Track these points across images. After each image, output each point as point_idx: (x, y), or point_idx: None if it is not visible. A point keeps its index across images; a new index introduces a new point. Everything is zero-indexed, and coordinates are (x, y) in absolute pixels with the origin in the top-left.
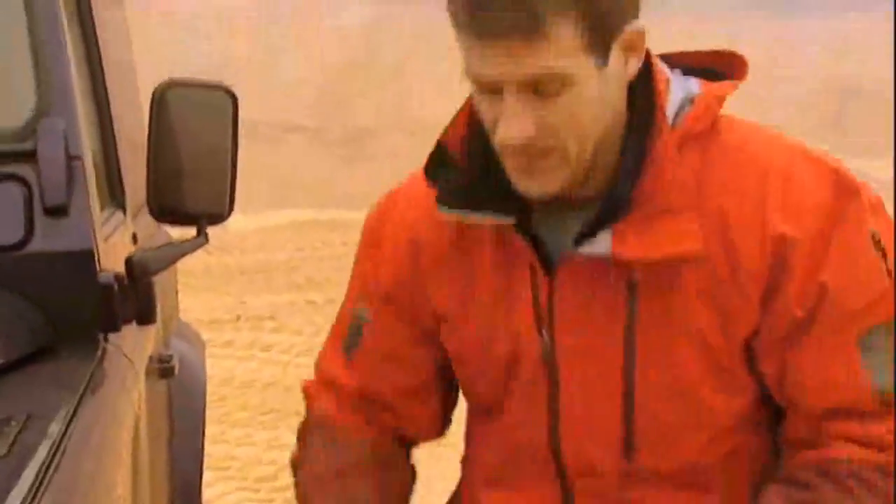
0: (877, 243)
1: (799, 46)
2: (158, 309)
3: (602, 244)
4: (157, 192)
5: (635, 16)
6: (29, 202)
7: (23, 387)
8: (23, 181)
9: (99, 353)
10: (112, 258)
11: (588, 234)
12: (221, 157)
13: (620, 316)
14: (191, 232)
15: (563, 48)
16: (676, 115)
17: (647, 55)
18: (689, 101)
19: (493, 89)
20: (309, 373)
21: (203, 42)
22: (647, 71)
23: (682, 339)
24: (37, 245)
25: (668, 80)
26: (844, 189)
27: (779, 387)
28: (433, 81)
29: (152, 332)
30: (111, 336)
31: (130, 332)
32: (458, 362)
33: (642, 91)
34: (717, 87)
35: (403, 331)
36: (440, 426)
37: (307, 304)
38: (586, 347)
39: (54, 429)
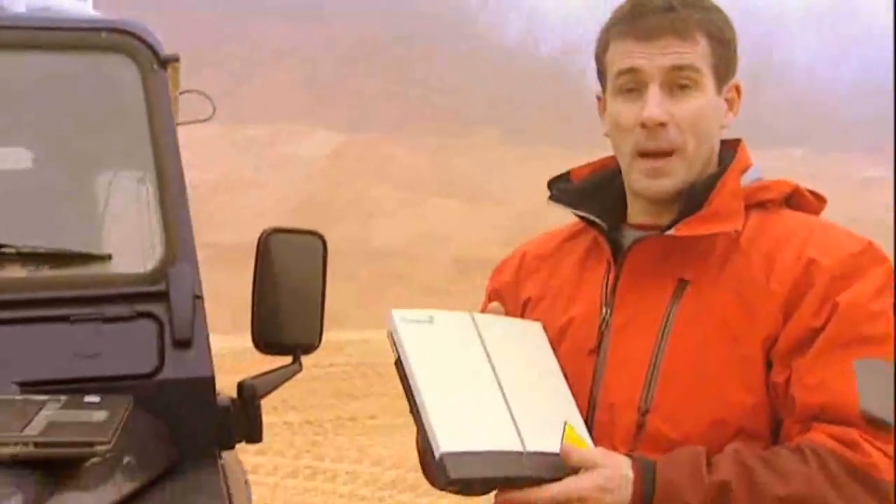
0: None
1: None
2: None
3: (667, 231)
4: (261, 327)
5: (735, 71)
6: (161, 336)
7: (178, 495)
8: (156, 318)
9: (221, 466)
10: None
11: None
12: (313, 295)
13: (665, 303)
14: None
15: (700, 55)
16: (752, 183)
17: (742, 145)
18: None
19: (639, 85)
20: (296, 494)
21: None
22: (737, 150)
23: (713, 328)
24: (168, 373)
25: (751, 164)
26: (877, 253)
27: (784, 396)
28: (392, 210)
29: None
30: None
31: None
32: None
33: (729, 160)
34: (786, 180)
35: None
36: None
37: (284, 426)
38: (631, 324)
39: None
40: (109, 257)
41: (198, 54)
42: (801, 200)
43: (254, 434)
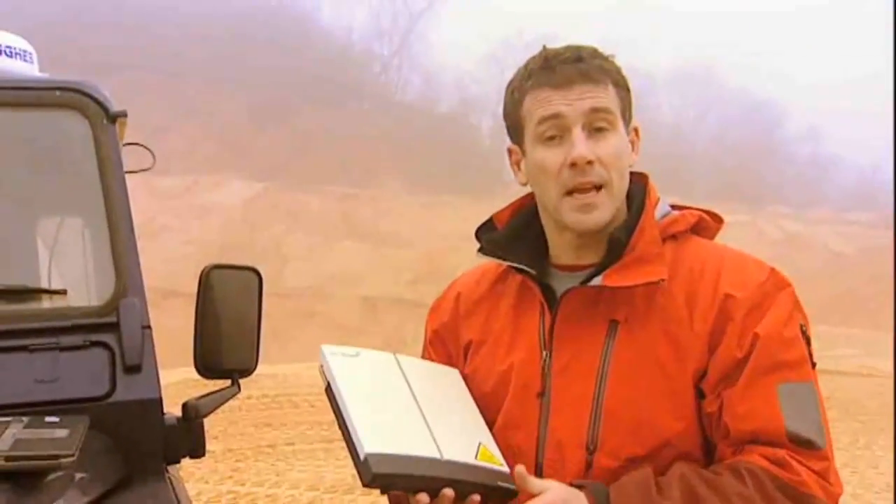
0: (803, 332)
1: None
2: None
3: (597, 281)
4: (203, 353)
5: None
6: (113, 363)
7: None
8: (108, 347)
9: (168, 479)
10: None
11: (587, 280)
12: (250, 324)
13: (600, 345)
14: None
15: (611, 98)
16: (663, 218)
17: (648, 179)
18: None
19: (562, 131)
20: None
21: None
22: (645, 186)
23: (646, 366)
24: (119, 395)
25: (659, 197)
26: (779, 279)
27: (716, 424)
28: (305, 253)
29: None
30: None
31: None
32: (473, 378)
33: (639, 195)
34: (692, 211)
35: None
36: None
37: (207, 455)
38: (572, 365)
39: None
40: (65, 292)
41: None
42: (703, 224)
43: (197, 449)
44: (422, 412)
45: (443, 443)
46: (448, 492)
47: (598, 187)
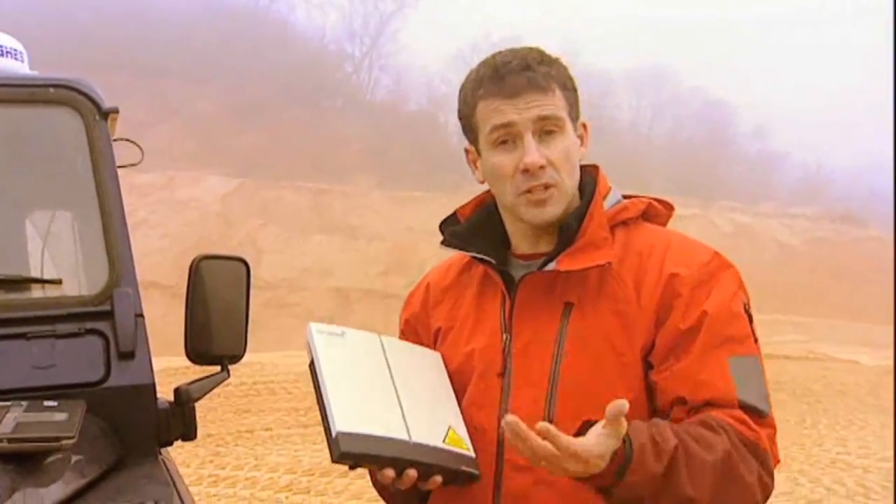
0: (746, 310)
1: None
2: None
3: (551, 266)
4: (193, 340)
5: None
6: (107, 349)
7: (128, 484)
8: (102, 334)
9: (161, 461)
10: None
11: (542, 266)
12: (238, 312)
13: (556, 326)
14: None
15: (558, 104)
16: (612, 206)
17: (599, 170)
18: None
19: (512, 137)
20: (201, 500)
21: None
22: (596, 176)
23: (598, 343)
24: (114, 381)
25: (610, 187)
26: (723, 260)
27: (664, 393)
28: (279, 247)
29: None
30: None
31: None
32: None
33: (591, 185)
34: (641, 199)
35: None
36: None
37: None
38: (530, 346)
39: None
40: (60, 282)
41: None
42: (654, 211)
43: (189, 432)
44: (397, 393)
45: (413, 425)
46: (412, 472)
47: (550, 186)
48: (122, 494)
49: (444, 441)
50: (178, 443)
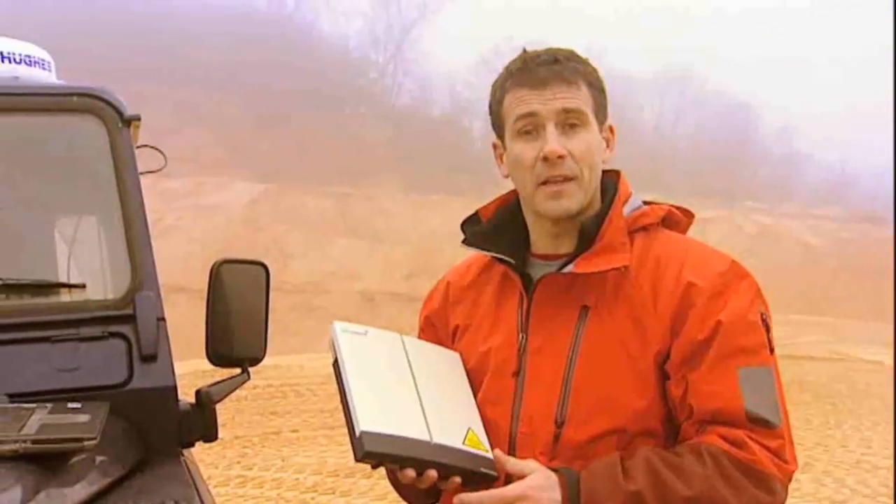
0: (763, 320)
1: None
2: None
3: (568, 268)
4: (214, 343)
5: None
6: (130, 352)
7: (150, 484)
8: (125, 337)
9: (183, 461)
10: None
11: (561, 268)
12: (258, 315)
13: (572, 328)
14: None
15: (583, 99)
16: (633, 212)
17: (621, 175)
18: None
19: (536, 128)
20: (228, 500)
21: None
22: (617, 181)
23: (612, 348)
24: (137, 383)
25: (630, 193)
26: (740, 269)
27: (681, 405)
28: (305, 251)
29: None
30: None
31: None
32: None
33: (612, 189)
34: (661, 206)
35: None
36: None
37: (216, 442)
38: (545, 347)
39: None
40: (84, 286)
41: None
42: (674, 218)
43: (210, 434)
44: (418, 393)
45: (434, 425)
46: (432, 472)
47: (569, 179)
48: (144, 494)
49: (463, 442)
50: (207, 445)
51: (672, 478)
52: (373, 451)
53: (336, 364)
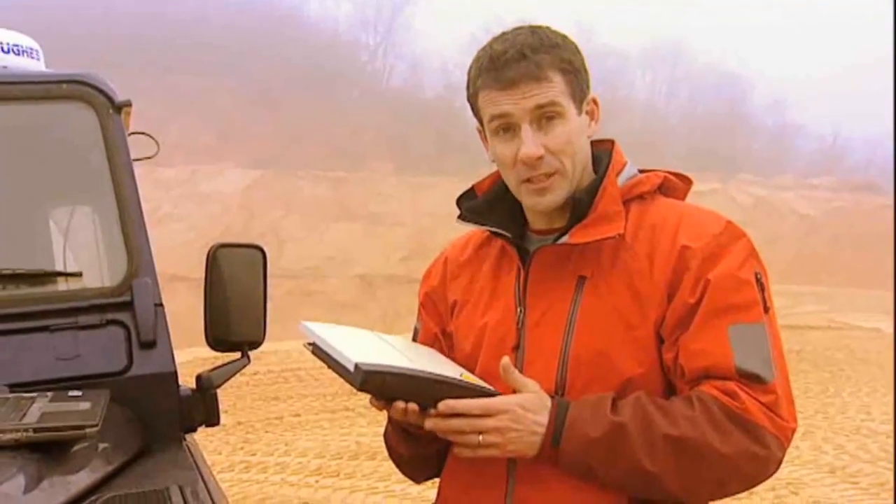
0: (758, 279)
1: None
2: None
3: (563, 240)
4: (213, 328)
5: (590, 87)
6: (128, 339)
7: (153, 470)
8: (123, 324)
9: (186, 446)
10: None
11: (556, 240)
12: (257, 298)
13: (569, 299)
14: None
15: (557, 90)
16: (628, 181)
17: (614, 144)
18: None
19: (511, 127)
20: (233, 485)
21: None
22: (611, 151)
23: (610, 317)
24: (136, 370)
25: (625, 162)
26: (734, 230)
27: (674, 368)
28: (301, 236)
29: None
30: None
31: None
32: (456, 335)
33: (605, 160)
34: (657, 172)
35: (434, 329)
36: None
37: (219, 428)
38: (543, 319)
39: (203, 492)
40: (80, 274)
41: None
42: (671, 185)
43: (212, 418)
44: (404, 355)
45: (424, 368)
46: (434, 391)
47: (552, 174)
48: (147, 480)
49: (460, 377)
50: (210, 432)
51: (659, 416)
52: (372, 371)
53: (315, 346)
